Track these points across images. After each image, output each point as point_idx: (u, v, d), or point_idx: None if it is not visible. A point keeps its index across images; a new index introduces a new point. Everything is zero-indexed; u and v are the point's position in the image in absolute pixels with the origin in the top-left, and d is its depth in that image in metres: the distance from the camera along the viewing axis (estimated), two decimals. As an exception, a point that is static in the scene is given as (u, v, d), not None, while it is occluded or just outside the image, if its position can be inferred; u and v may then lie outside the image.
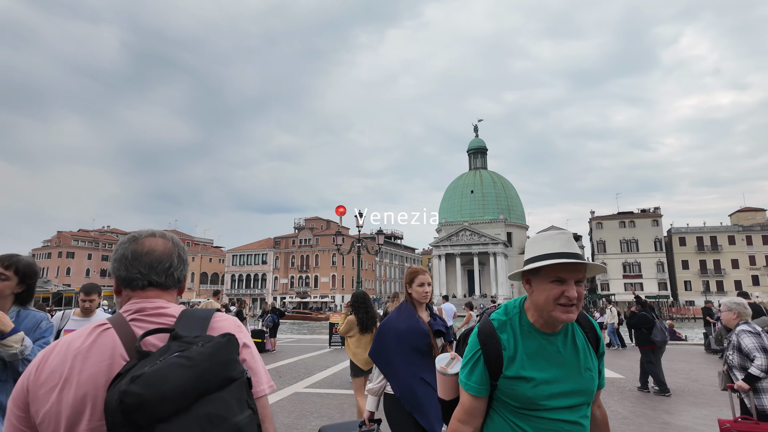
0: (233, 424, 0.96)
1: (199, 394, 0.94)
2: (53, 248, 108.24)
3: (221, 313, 1.25)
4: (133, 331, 1.13)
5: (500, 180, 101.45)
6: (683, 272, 79.05)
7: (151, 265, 1.23)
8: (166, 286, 1.24)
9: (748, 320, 4.11)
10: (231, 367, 1.01)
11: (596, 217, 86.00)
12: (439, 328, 3.17)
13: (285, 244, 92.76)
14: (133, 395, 0.89)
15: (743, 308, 4.14)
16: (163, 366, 0.94)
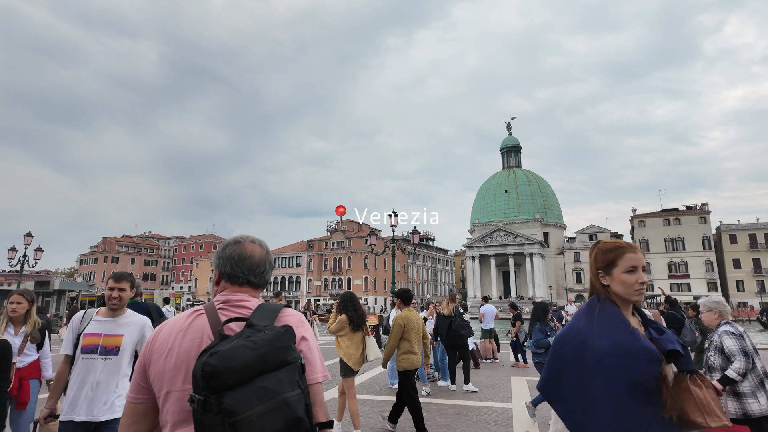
0: (283, 398, 1.17)
1: (260, 371, 1.17)
2: (99, 253, 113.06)
3: (289, 309, 1.50)
4: (219, 317, 1.42)
5: (535, 178, 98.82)
6: (735, 272, 74.56)
7: (251, 267, 1.53)
8: (258, 285, 1.56)
9: (730, 320, 4.00)
10: (286, 352, 1.23)
11: (638, 215, 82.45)
12: (674, 348, 1.67)
13: (318, 246, 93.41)
14: (210, 366, 1.15)
15: (723, 307, 4.04)
16: (235, 346, 1.18)
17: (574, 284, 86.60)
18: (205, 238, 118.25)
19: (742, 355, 3.68)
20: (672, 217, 79.43)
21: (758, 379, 3.69)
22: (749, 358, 3.70)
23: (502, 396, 8.21)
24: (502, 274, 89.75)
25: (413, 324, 5.59)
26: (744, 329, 4.01)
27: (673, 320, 8.28)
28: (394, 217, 17.31)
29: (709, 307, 4.15)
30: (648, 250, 79.20)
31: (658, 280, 77.42)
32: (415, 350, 5.55)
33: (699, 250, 76.36)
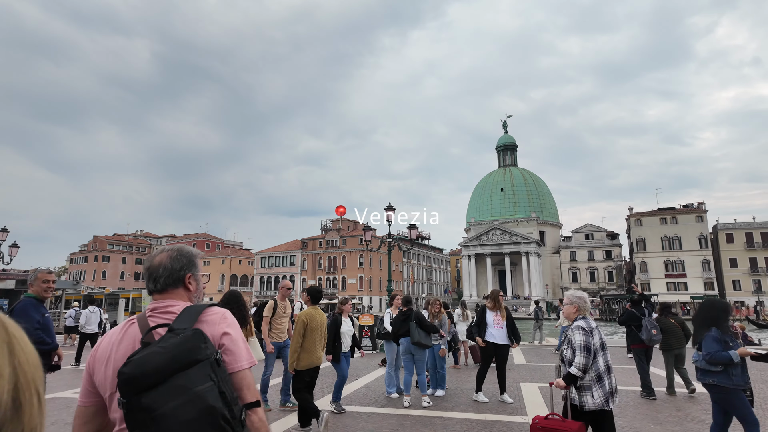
0: (194, 392, 1.35)
1: (173, 371, 1.36)
2: (89, 252, 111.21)
3: (214, 308, 1.65)
4: (148, 324, 1.59)
5: (531, 177, 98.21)
6: (731, 271, 74.25)
7: (150, 275, 1.70)
8: (160, 290, 1.69)
9: (587, 315, 4.02)
10: (196, 352, 1.41)
11: (635, 213, 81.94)
12: None
13: (312, 245, 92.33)
14: (124, 374, 1.36)
15: (583, 302, 4.04)
16: (147, 353, 1.40)
17: (570, 283, 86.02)
18: (197, 236, 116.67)
19: (584, 351, 3.73)
20: (669, 215, 78.99)
21: (596, 374, 3.73)
22: (591, 354, 3.74)
23: (515, 407, 7.26)
24: (498, 273, 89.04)
25: (317, 322, 5.49)
26: (595, 325, 3.97)
27: (633, 318, 8.31)
28: (389, 211, 16.33)
29: (570, 301, 4.11)
30: (645, 249, 78.78)
31: (655, 280, 77.00)
32: (316, 348, 5.44)
33: (696, 249, 75.98)
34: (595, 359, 3.78)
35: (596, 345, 3.82)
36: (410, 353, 7.29)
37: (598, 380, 3.75)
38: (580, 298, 4.11)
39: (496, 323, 7.63)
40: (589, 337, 3.81)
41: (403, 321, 7.32)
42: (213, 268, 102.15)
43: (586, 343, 3.77)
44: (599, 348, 3.84)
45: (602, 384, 3.74)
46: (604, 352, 3.87)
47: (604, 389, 3.74)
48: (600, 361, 3.80)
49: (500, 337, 7.55)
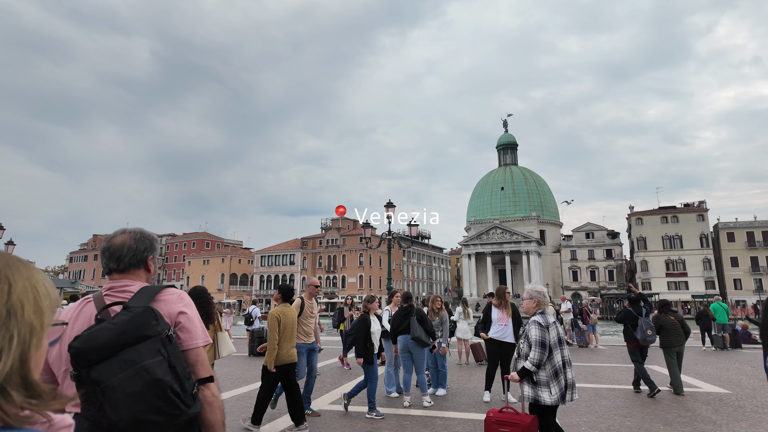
0: (142, 365, 1.42)
1: (121, 346, 1.43)
2: (89, 251, 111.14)
3: (171, 288, 1.73)
4: (104, 302, 1.65)
5: (532, 176, 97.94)
6: (732, 270, 74.01)
7: (111, 255, 1.74)
8: (121, 270, 1.73)
9: (546, 310, 4.00)
10: (146, 328, 1.48)
11: (636, 212, 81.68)
12: None
13: (312, 244, 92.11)
14: (74, 348, 1.44)
15: (543, 297, 4.01)
16: (97, 328, 1.47)
17: (570, 282, 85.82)
18: (197, 235, 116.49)
19: (539, 346, 3.71)
20: (670, 214, 78.72)
21: (553, 370, 3.70)
22: (545, 349, 3.71)
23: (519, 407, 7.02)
24: (498, 272, 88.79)
25: (289, 318, 5.53)
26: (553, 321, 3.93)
27: (629, 317, 8.30)
28: (389, 208, 16.10)
29: (530, 296, 4.09)
30: (645, 248, 78.53)
31: (656, 279, 76.77)
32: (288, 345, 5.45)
33: (697, 248, 75.72)
34: (551, 355, 3.77)
35: (552, 340, 3.81)
36: (408, 351, 7.07)
37: (554, 376, 3.73)
38: (539, 292, 4.08)
39: (500, 320, 7.44)
40: (545, 333, 3.79)
41: (404, 317, 7.10)
42: (212, 267, 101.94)
43: (542, 338, 3.75)
44: (556, 343, 3.81)
45: (559, 380, 3.72)
46: (561, 347, 3.85)
47: (561, 385, 3.71)
48: (557, 357, 3.79)
49: (504, 334, 7.35)
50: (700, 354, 14.71)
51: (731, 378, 9.61)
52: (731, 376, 9.80)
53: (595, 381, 9.26)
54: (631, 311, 8.36)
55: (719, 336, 15.89)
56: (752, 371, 10.58)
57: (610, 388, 8.58)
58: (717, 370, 10.73)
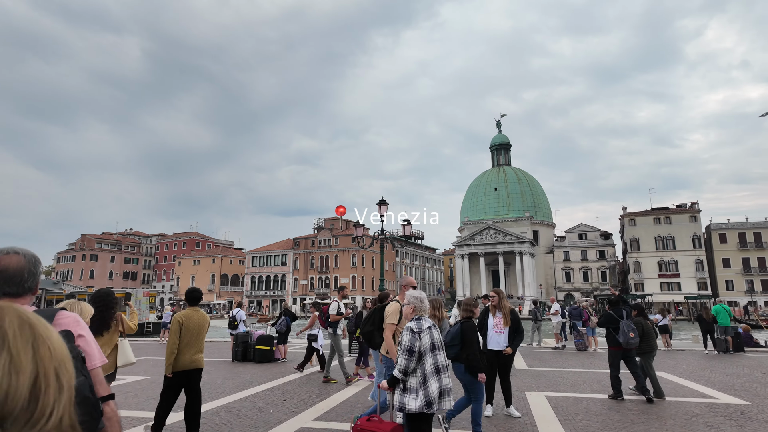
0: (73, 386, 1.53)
1: None
2: (77, 251, 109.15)
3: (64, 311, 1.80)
4: None
5: (525, 177, 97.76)
6: (724, 271, 74.19)
7: (8, 279, 1.63)
8: (18, 294, 1.67)
9: (423, 316, 3.93)
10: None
11: (629, 213, 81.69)
12: None
13: (304, 244, 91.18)
14: None
15: (420, 302, 3.94)
16: None
17: (563, 283, 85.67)
18: (188, 235, 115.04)
19: (406, 352, 3.64)
20: (662, 215, 78.82)
21: (422, 377, 3.61)
22: (413, 356, 3.63)
23: (523, 423, 6.36)
24: (491, 272, 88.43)
25: (194, 323, 5.29)
26: (427, 326, 3.81)
27: (611, 320, 8.14)
28: (382, 206, 15.43)
29: (408, 301, 4.02)
30: (638, 249, 78.53)
31: (649, 280, 76.77)
32: (191, 351, 5.20)
33: (689, 249, 75.84)
34: (421, 361, 3.68)
35: (424, 347, 3.71)
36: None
37: (423, 383, 3.63)
38: (417, 298, 3.98)
39: (496, 327, 6.76)
40: (414, 339, 3.71)
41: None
42: (203, 268, 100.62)
43: (410, 345, 3.67)
44: (428, 349, 3.71)
45: (427, 386, 3.61)
46: (434, 353, 3.73)
47: (428, 392, 3.59)
48: (427, 363, 3.68)
49: (501, 343, 6.68)
50: (703, 358, 14.17)
51: (745, 386, 9.03)
52: (744, 384, 9.22)
53: (602, 390, 8.63)
54: (612, 314, 8.19)
55: (722, 339, 15.38)
56: (764, 378, 10.03)
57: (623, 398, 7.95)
58: (727, 377, 10.16)
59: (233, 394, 8.32)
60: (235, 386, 9.09)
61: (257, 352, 12.89)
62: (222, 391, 8.59)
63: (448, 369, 3.90)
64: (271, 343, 13.02)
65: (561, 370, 10.93)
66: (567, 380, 9.72)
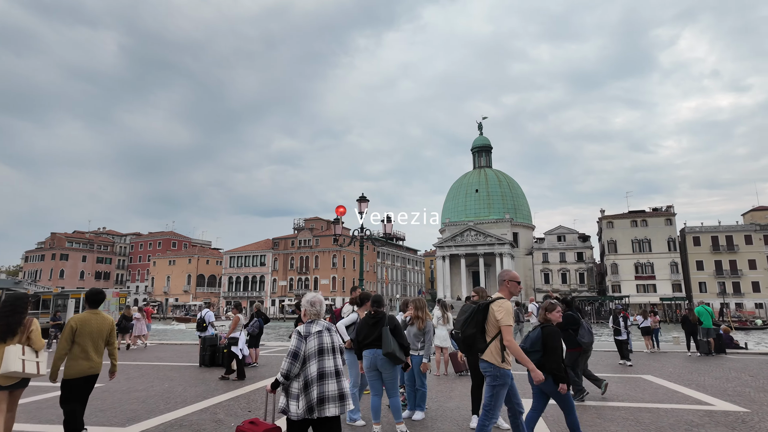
0: None
1: None
2: (46, 250, 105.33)
3: None
4: None
5: (506, 179, 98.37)
6: (698, 273, 75.85)
7: None
8: None
9: (316, 320, 3.89)
10: None
11: (606, 216, 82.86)
12: None
13: (284, 245, 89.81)
14: None
15: (310, 306, 3.93)
16: None
17: (542, 284, 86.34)
18: (163, 235, 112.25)
19: (289, 356, 3.63)
20: (639, 218, 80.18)
21: (304, 382, 3.59)
22: (296, 360, 3.62)
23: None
24: (472, 274, 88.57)
25: (92, 327, 5.01)
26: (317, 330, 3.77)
27: (571, 321, 8.16)
28: (362, 202, 14.77)
29: (302, 305, 4.05)
30: (616, 251, 79.69)
31: (626, 281, 77.95)
32: (89, 356, 4.90)
33: (665, 251, 77.28)
34: (305, 366, 3.64)
35: (309, 351, 3.67)
36: (376, 369, 5.73)
37: (305, 388, 3.59)
38: (308, 302, 3.97)
39: None
40: (300, 343, 3.68)
41: (372, 326, 5.76)
42: (179, 268, 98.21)
43: (295, 348, 3.67)
44: (314, 353, 3.67)
45: (308, 392, 3.57)
46: (322, 358, 3.67)
47: (310, 398, 3.55)
48: (311, 368, 3.63)
49: None
50: (687, 361, 13.92)
51: (737, 390, 8.68)
52: (737, 389, 8.87)
53: (591, 397, 8.14)
54: (572, 315, 8.26)
55: (704, 341, 15.19)
56: (754, 381, 9.73)
57: (612, 405, 7.46)
58: (717, 381, 9.82)
59: (193, 404, 7.54)
60: (197, 395, 8.30)
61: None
62: (181, 401, 7.79)
63: (341, 375, 3.75)
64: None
65: (547, 375, 10.44)
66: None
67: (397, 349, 5.53)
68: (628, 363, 12.41)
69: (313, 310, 3.91)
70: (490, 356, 4.44)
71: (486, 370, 4.49)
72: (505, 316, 4.38)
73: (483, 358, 4.50)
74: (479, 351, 4.59)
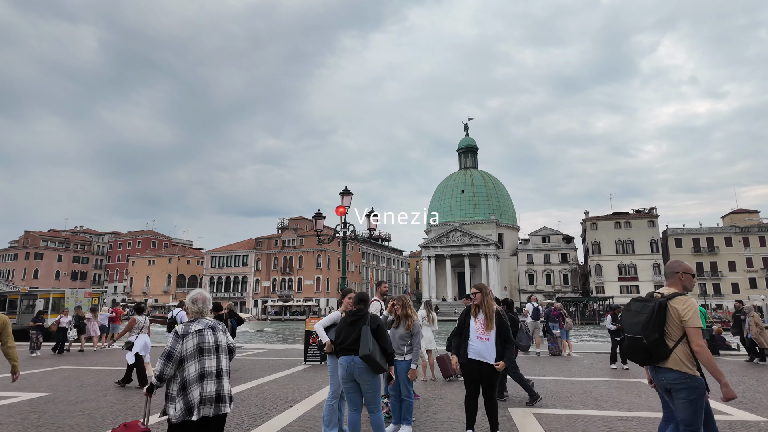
0: None
1: None
2: (20, 249, 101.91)
3: None
4: None
5: (491, 180, 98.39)
6: (679, 275, 76.62)
7: None
8: None
9: (199, 318, 3.70)
10: None
11: (590, 217, 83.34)
12: None
13: (267, 245, 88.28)
14: None
15: (191, 304, 3.77)
16: None
17: (527, 285, 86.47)
18: (143, 234, 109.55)
19: (163, 357, 3.48)
20: (623, 220, 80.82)
21: (180, 384, 3.45)
22: (170, 361, 3.45)
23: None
24: (457, 274, 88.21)
25: None
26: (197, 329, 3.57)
27: (514, 323, 7.92)
28: (345, 196, 13.91)
29: (185, 303, 3.91)
30: (600, 253, 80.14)
31: (609, 282, 78.42)
32: None
33: (647, 253, 77.98)
34: (182, 367, 3.46)
35: (188, 350, 3.49)
36: (353, 380, 4.87)
37: (181, 390, 3.42)
38: (190, 298, 3.80)
39: (479, 333, 5.30)
40: (176, 344, 3.50)
41: (350, 325, 4.90)
42: (158, 268, 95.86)
43: (170, 349, 3.48)
44: (193, 353, 3.49)
45: (186, 394, 3.40)
46: (202, 357, 3.49)
47: (187, 400, 3.38)
48: (190, 369, 3.45)
49: (484, 352, 5.21)
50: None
51: (748, 397, 8.05)
52: (746, 395, 8.24)
53: (596, 405, 7.42)
54: (513, 316, 8.02)
55: (699, 342, 14.71)
56: (760, 386, 9.14)
57: (620, 416, 6.73)
58: (722, 386, 9.18)
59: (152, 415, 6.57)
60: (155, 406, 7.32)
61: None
62: (134, 413, 6.82)
63: (222, 376, 3.54)
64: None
65: (542, 379, 9.69)
66: (552, 392, 8.47)
67: (377, 354, 4.67)
68: (624, 366, 11.78)
69: (195, 308, 3.71)
70: (679, 364, 3.61)
71: (676, 382, 3.63)
72: (694, 317, 3.61)
73: (668, 367, 3.65)
74: (662, 358, 3.69)
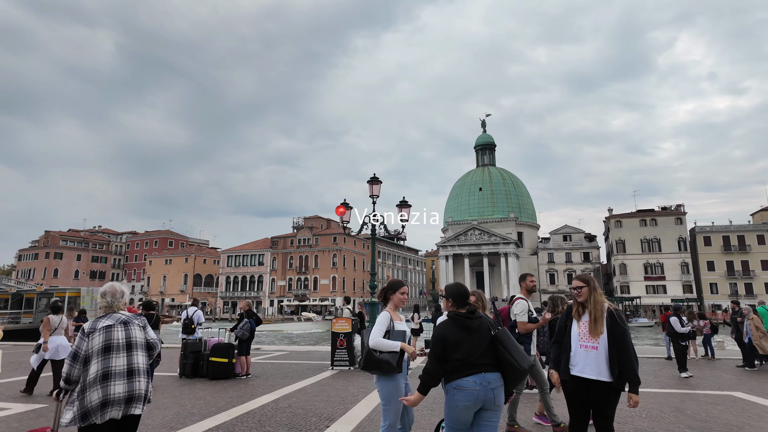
0: None
1: None
2: (40, 249, 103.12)
3: None
4: None
5: (510, 177, 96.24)
6: (709, 274, 73.73)
7: None
8: None
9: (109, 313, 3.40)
10: None
11: (614, 215, 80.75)
12: None
13: (283, 244, 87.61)
14: None
15: (101, 298, 3.51)
16: None
17: (547, 285, 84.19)
18: (160, 233, 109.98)
19: (69, 358, 3.20)
20: (648, 217, 78.11)
21: (81, 385, 3.16)
22: (76, 361, 3.19)
23: None
24: (476, 274, 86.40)
25: None
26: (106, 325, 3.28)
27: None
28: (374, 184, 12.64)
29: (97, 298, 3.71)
30: (624, 252, 77.55)
31: (635, 282, 75.80)
32: None
33: (675, 251, 75.16)
34: (86, 366, 3.17)
35: (92, 349, 3.21)
36: (480, 410, 3.39)
37: (81, 392, 3.13)
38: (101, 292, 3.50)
39: (582, 340, 3.89)
40: (81, 342, 3.23)
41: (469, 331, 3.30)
42: (175, 267, 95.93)
43: (76, 348, 3.23)
44: (98, 351, 3.19)
45: (84, 396, 3.10)
46: (107, 356, 3.19)
47: (85, 402, 3.08)
48: (92, 368, 3.15)
49: (591, 365, 3.80)
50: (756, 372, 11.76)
51: None
52: None
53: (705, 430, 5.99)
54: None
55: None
56: None
57: None
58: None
59: None
60: (164, 424, 6.13)
61: (211, 365, 9.92)
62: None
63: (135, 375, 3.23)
64: (230, 354, 10.05)
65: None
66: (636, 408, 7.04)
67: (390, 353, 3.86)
68: (687, 374, 10.28)
69: (104, 302, 3.42)
70: None
71: None
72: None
73: None
74: None
